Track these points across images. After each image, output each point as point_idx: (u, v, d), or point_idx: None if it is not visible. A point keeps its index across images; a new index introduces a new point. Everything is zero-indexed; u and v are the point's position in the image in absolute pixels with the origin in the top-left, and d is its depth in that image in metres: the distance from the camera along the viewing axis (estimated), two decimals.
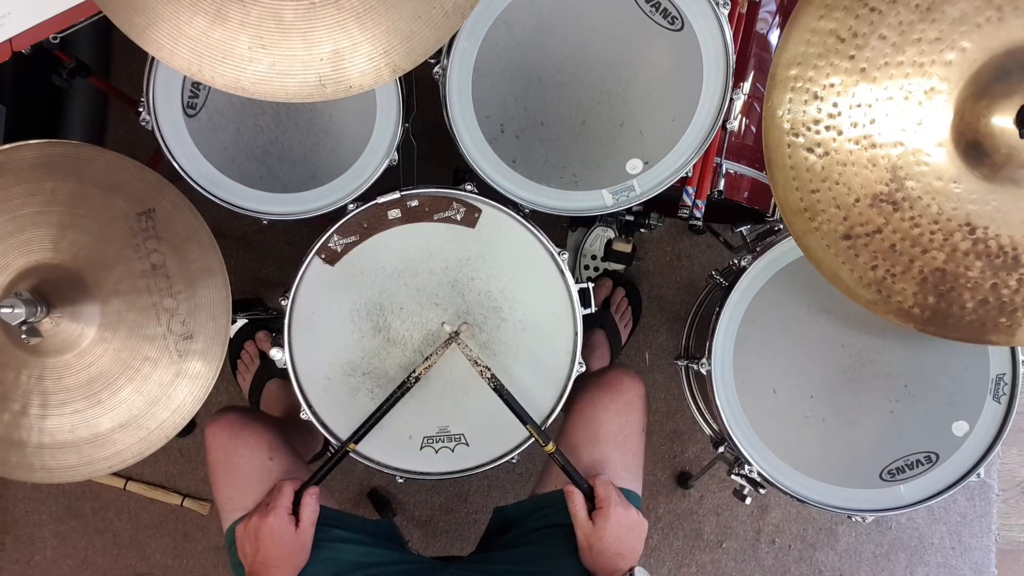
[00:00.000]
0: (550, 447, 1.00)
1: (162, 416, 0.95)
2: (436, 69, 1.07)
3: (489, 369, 1.00)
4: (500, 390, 1.00)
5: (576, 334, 1.06)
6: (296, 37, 0.82)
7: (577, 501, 0.99)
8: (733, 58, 1.07)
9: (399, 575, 1.04)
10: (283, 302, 1.04)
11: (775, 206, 1.28)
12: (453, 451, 1.08)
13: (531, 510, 1.10)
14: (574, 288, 1.06)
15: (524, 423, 1.01)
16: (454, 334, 1.03)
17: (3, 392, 0.93)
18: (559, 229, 1.66)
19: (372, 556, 1.04)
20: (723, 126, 1.12)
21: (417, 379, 1.02)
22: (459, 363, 1.06)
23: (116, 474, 1.67)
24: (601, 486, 1.00)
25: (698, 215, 1.21)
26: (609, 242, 1.63)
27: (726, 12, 1.04)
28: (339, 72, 0.83)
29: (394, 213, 1.05)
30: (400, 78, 1.09)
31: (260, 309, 1.56)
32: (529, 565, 1.03)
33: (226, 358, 0.96)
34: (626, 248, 1.60)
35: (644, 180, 1.13)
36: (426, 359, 1.03)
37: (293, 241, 1.68)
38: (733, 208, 1.30)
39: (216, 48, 0.81)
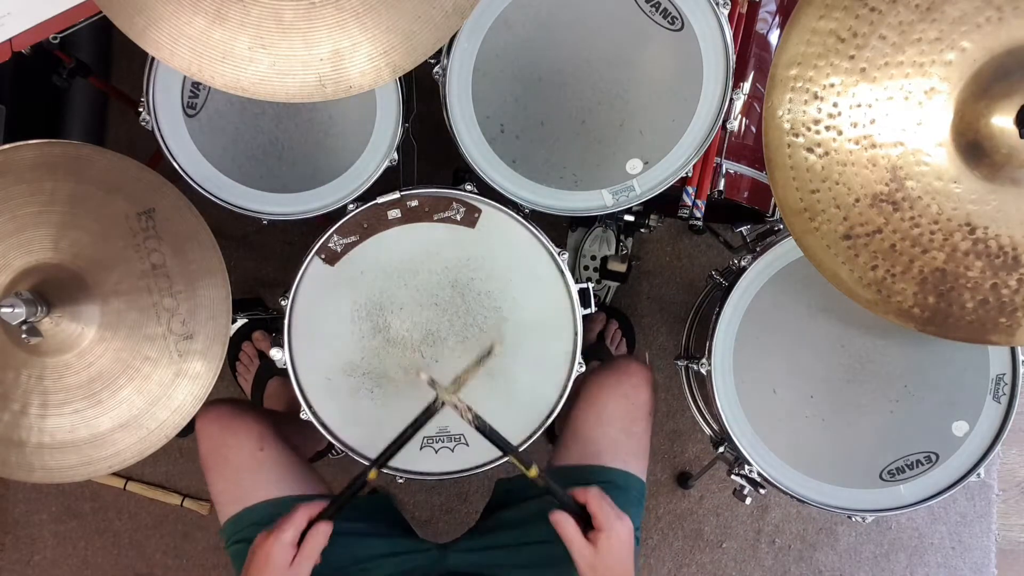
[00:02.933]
0: (533, 472, 0.89)
1: (162, 416, 0.95)
2: (436, 69, 1.07)
3: (471, 410, 0.89)
4: (482, 427, 0.90)
5: (576, 334, 1.06)
6: (296, 37, 0.82)
7: (569, 527, 0.87)
8: (733, 58, 1.07)
9: (396, 568, 1.04)
10: (283, 302, 1.04)
11: (775, 206, 1.28)
12: (453, 451, 1.08)
13: (534, 485, 1.08)
14: (574, 288, 1.06)
15: (505, 453, 0.91)
16: (486, 353, 0.90)
17: (3, 392, 0.93)
18: (559, 229, 1.66)
19: (369, 548, 1.04)
20: (723, 126, 1.12)
21: (443, 404, 0.89)
22: (459, 364, 1.06)
23: (116, 474, 1.67)
24: (594, 502, 0.87)
25: (698, 215, 1.20)
26: (604, 260, 1.63)
27: (726, 12, 1.04)
28: (339, 72, 0.83)
29: (394, 213, 1.05)
30: (400, 78, 1.09)
31: (260, 309, 1.56)
32: (528, 550, 1.02)
33: (225, 359, 0.96)
34: (621, 268, 1.61)
35: (644, 180, 1.13)
36: (455, 381, 0.90)
37: (293, 241, 1.68)
38: (733, 208, 1.30)
39: (216, 48, 0.81)
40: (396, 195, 1.04)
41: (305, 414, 1.05)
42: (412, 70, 0.87)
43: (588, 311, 1.06)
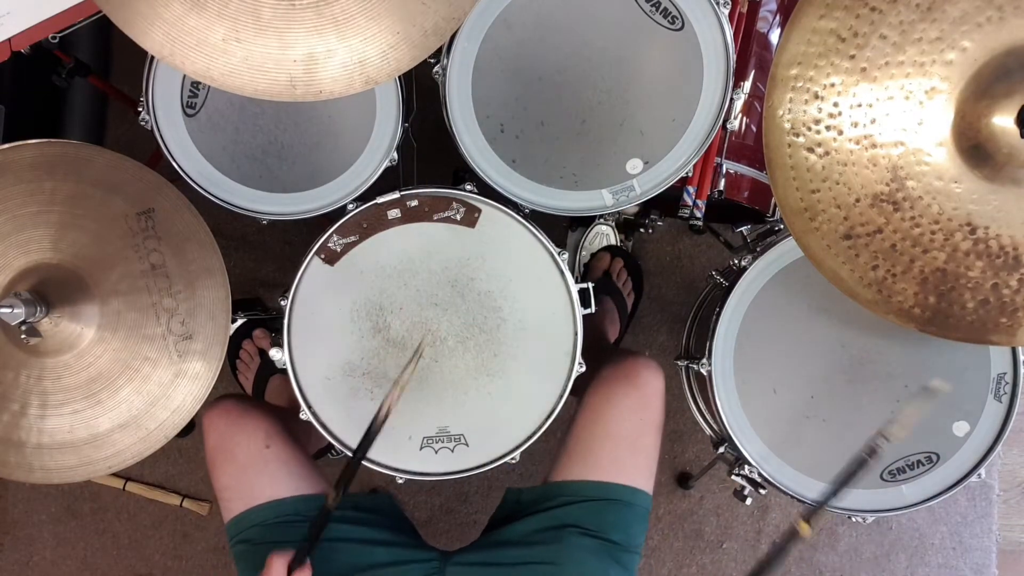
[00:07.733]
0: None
1: (161, 416, 0.94)
2: (436, 69, 1.07)
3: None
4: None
5: (576, 334, 1.06)
6: (272, 36, 0.81)
7: None
8: (733, 58, 1.07)
9: None
10: (283, 302, 1.04)
11: (775, 206, 1.28)
12: (453, 451, 1.08)
13: (542, 498, 1.08)
14: (574, 288, 1.06)
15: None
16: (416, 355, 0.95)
17: (2, 392, 0.93)
18: (559, 229, 1.66)
19: (371, 556, 1.04)
20: (723, 126, 1.12)
21: (388, 413, 0.91)
22: (459, 363, 1.06)
23: (115, 474, 1.66)
24: None
25: (698, 215, 1.20)
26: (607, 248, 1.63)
27: (726, 11, 1.04)
28: (311, 76, 0.82)
29: (394, 213, 1.05)
30: (400, 78, 1.09)
31: (259, 309, 1.55)
32: (528, 570, 1.02)
33: (225, 358, 0.96)
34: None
35: (644, 180, 1.13)
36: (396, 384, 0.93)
37: (293, 241, 1.68)
38: (733, 208, 1.30)
39: (190, 35, 0.80)
40: (396, 195, 1.04)
41: (305, 414, 1.05)
42: (412, 70, 0.87)
43: (588, 311, 1.06)
